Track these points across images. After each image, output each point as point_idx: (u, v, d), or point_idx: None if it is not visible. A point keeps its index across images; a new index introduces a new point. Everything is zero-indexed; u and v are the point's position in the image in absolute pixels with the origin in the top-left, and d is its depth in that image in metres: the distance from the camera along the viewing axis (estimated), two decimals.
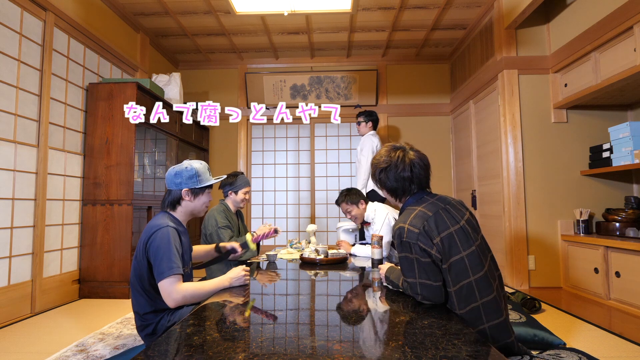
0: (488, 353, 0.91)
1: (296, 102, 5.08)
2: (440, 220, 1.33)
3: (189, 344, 0.99)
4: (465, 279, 1.27)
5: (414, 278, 1.33)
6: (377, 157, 1.56)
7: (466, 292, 1.27)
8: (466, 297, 1.27)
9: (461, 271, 1.27)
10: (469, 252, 1.30)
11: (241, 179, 2.64)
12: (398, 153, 1.49)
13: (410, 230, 1.32)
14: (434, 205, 1.39)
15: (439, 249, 1.29)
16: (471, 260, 1.29)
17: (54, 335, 2.28)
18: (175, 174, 1.68)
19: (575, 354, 1.66)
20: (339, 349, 0.96)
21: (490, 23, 3.85)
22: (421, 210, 1.37)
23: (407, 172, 1.45)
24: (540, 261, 3.43)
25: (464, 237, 1.32)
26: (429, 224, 1.32)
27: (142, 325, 1.58)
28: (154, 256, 1.50)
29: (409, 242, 1.32)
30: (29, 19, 2.74)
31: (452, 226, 1.33)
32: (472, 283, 1.27)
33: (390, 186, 1.50)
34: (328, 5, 2.90)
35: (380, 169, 1.51)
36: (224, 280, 1.61)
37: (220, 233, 2.45)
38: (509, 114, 3.52)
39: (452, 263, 1.28)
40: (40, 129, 2.80)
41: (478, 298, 1.26)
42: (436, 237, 1.29)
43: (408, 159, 1.47)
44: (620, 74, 2.68)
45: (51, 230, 2.91)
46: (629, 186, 3.41)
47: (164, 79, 4.17)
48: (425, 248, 1.29)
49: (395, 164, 1.47)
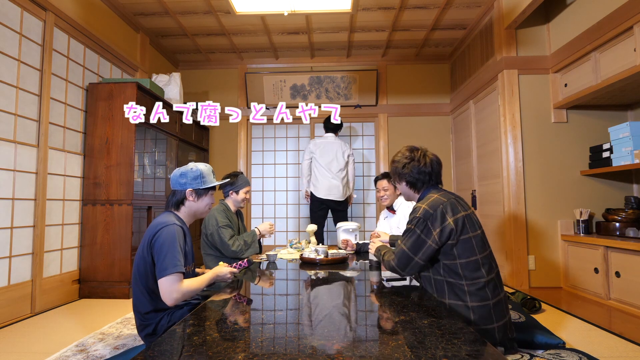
0: (488, 353, 0.91)
1: (296, 102, 5.08)
2: (453, 206, 1.57)
3: (189, 344, 0.99)
4: (473, 255, 1.52)
5: (405, 246, 1.59)
6: (399, 155, 1.78)
7: (473, 266, 1.51)
8: (472, 271, 1.51)
9: (469, 248, 1.52)
10: (475, 234, 1.55)
11: (242, 179, 2.65)
12: (420, 152, 1.75)
13: (427, 210, 1.56)
14: (448, 195, 1.64)
15: (445, 229, 1.51)
16: (477, 242, 1.54)
17: (54, 335, 2.28)
18: (181, 174, 1.71)
19: (575, 354, 1.66)
20: (339, 349, 0.96)
21: (490, 23, 3.85)
22: (438, 197, 1.61)
23: (428, 167, 1.71)
24: (540, 261, 3.43)
25: (471, 222, 1.57)
26: (444, 207, 1.56)
27: (142, 325, 1.58)
28: (157, 252, 1.51)
29: (420, 218, 1.56)
30: (29, 19, 2.74)
31: (462, 211, 1.57)
32: (479, 260, 1.52)
33: (412, 178, 1.73)
34: (328, 5, 2.90)
35: (403, 164, 1.74)
36: (211, 276, 1.68)
37: (220, 232, 2.46)
38: (509, 114, 3.52)
39: (462, 240, 1.52)
40: (40, 129, 2.80)
41: (485, 274, 1.51)
42: (449, 219, 1.53)
43: (428, 158, 1.73)
44: (620, 74, 2.68)
45: (51, 230, 2.91)
46: (629, 186, 3.41)
47: (164, 79, 4.17)
48: (431, 228, 1.53)
49: (418, 159, 1.72)
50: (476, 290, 1.49)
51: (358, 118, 5.16)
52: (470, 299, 1.49)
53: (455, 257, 1.52)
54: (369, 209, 5.16)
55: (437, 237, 1.51)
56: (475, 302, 1.48)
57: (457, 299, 1.51)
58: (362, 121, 5.21)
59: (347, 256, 2.44)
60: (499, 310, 1.51)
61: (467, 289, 1.50)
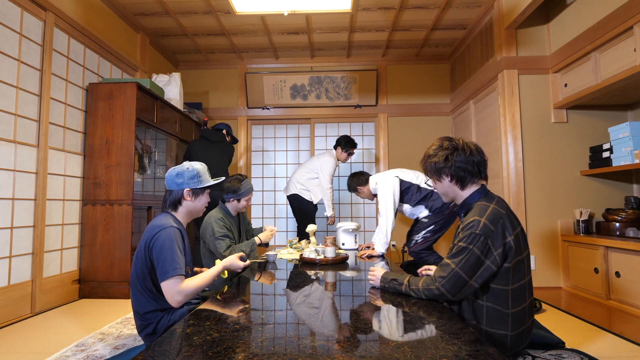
0: (488, 353, 0.91)
1: (296, 102, 5.08)
2: (510, 220, 1.33)
3: (189, 344, 0.99)
4: (523, 278, 1.31)
5: (456, 265, 1.29)
6: (435, 148, 1.47)
7: (519, 291, 1.30)
8: (518, 297, 1.30)
9: (521, 270, 1.31)
10: (526, 253, 1.34)
11: (245, 186, 2.56)
12: (460, 140, 1.44)
13: (487, 225, 1.28)
14: (503, 204, 1.37)
15: (505, 249, 1.28)
16: (527, 261, 1.34)
17: (54, 335, 2.28)
18: (177, 174, 1.70)
19: (575, 354, 1.66)
20: (339, 349, 0.96)
21: (490, 23, 3.85)
22: (495, 208, 1.33)
23: (476, 156, 1.41)
24: (540, 261, 3.43)
25: (524, 238, 1.36)
26: (504, 222, 1.30)
27: (142, 325, 1.59)
28: (157, 256, 1.51)
29: (480, 235, 1.28)
30: (29, 19, 2.74)
31: (517, 226, 1.34)
32: (526, 284, 1.32)
33: (459, 171, 1.40)
34: (328, 5, 2.90)
35: (445, 155, 1.41)
36: (220, 269, 1.69)
37: (217, 244, 2.40)
38: (509, 114, 3.52)
39: (518, 261, 1.30)
40: (40, 129, 2.80)
41: (527, 297, 1.33)
42: (509, 236, 1.29)
43: (472, 145, 1.42)
44: (621, 74, 2.68)
45: (51, 230, 2.91)
46: (629, 186, 3.41)
47: (164, 79, 4.18)
48: (490, 246, 1.27)
49: (463, 147, 1.41)
50: (517, 317, 1.31)
51: (358, 118, 5.16)
52: (511, 328, 1.30)
53: (509, 282, 1.29)
54: (369, 209, 5.16)
55: (499, 259, 1.28)
56: (514, 331, 1.31)
57: (498, 328, 1.31)
58: (362, 121, 5.21)
59: (347, 256, 2.44)
60: (528, 332, 1.37)
61: (511, 317, 1.30)
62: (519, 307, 1.30)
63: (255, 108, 5.13)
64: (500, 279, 1.30)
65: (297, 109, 5.14)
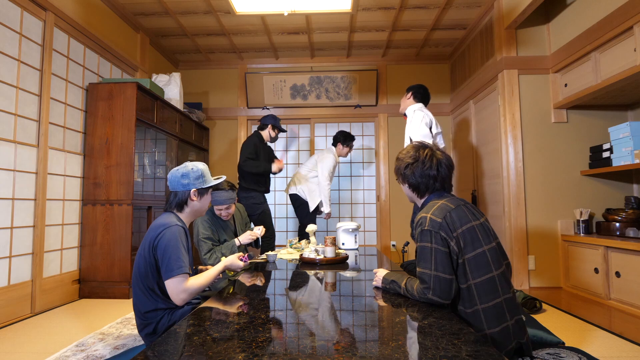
0: (488, 353, 0.91)
1: (296, 102, 5.08)
2: (462, 214, 1.36)
3: (189, 344, 0.99)
4: (490, 272, 1.29)
5: (430, 270, 1.31)
6: (404, 152, 1.57)
7: (488, 286, 1.27)
8: (488, 292, 1.27)
9: (483, 264, 1.29)
10: (490, 247, 1.32)
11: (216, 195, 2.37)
12: (426, 151, 1.51)
13: (433, 219, 1.34)
14: (456, 200, 1.43)
15: (457, 242, 1.30)
16: (492, 256, 1.31)
17: (54, 335, 2.28)
18: (182, 175, 1.71)
19: (575, 353, 1.66)
20: (339, 349, 0.96)
21: (490, 23, 3.85)
22: (443, 203, 1.39)
23: (433, 170, 1.48)
24: (540, 261, 3.43)
25: (485, 232, 1.35)
26: (451, 215, 1.34)
27: (142, 324, 1.59)
28: (162, 254, 1.52)
29: (430, 230, 1.33)
30: (29, 19, 2.74)
31: (473, 220, 1.36)
32: (495, 278, 1.28)
33: (414, 182, 1.52)
34: (328, 5, 2.90)
35: (406, 164, 1.53)
36: (221, 268, 1.71)
37: (200, 245, 2.41)
38: (509, 114, 3.52)
39: (473, 256, 1.29)
40: (40, 129, 2.80)
41: (501, 293, 1.27)
42: (457, 230, 1.32)
43: (436, 159, 1.49)
44: (621, 74, 2.68)
45: (51, 230, 2.91)
46: (629, 186, 3.41)
47: (164, 79, 4.18)
48: (445, 237, 1.31)
49: (423, 160, 1.49)
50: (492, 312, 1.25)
51: (358, 118, 5.16)
52: (488, 325, 1.25)
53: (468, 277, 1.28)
54: (369, 209, 5.16)
55: (456, 248, 1.30)
56: (495, 328, 1.25)
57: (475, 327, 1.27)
58: (362, 121, 5.21)
59: (347, 256, 2.44)
60: (519, 328, 1.28)
61: (483, 313, 1.26)
62: (491, 302, 1.26)
63: (255, 108, 5.13)
64: (458, 276, 1.31)
65: (297, 109, 5.14)
